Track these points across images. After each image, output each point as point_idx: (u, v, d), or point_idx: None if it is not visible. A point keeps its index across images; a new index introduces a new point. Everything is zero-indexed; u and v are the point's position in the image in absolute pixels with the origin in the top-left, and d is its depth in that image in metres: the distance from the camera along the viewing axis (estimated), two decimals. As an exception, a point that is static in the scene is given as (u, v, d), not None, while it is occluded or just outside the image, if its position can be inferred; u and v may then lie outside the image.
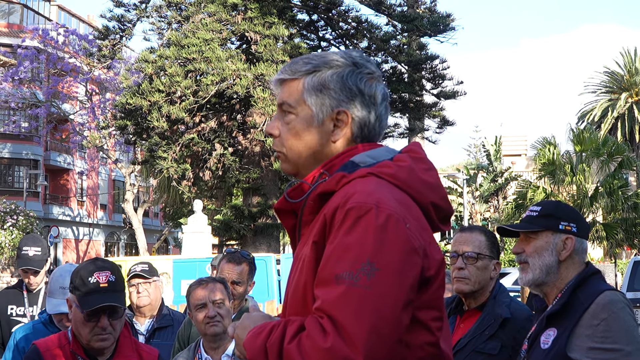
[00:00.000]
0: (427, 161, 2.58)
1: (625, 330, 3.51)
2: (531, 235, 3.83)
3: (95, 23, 56.26)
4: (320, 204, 2.49)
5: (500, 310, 4.33)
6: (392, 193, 2.40)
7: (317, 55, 2.63)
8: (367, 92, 2.57)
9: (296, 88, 2.60)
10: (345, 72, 2.56)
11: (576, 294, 3.67)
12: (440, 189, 2.56)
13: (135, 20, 32.91)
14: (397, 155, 2.57)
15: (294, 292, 2.50)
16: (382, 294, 2.23)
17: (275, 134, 2.64)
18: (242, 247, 29.95)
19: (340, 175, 2.47)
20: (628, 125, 61.73)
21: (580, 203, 31.68)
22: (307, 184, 2.56)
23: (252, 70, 28.61)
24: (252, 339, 2.34)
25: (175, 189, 36.31)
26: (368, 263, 2.24)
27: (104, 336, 3.94)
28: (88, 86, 45.20)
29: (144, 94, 29.25)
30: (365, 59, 2.62)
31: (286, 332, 2.29)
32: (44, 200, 55.60)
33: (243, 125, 31.77)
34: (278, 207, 2.64)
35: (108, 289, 3.92)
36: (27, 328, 5.37)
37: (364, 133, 2.58)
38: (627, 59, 64.16)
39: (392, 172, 2.47)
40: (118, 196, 63.11)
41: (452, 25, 32.23)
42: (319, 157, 2.59)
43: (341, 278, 2.24)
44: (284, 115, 2.62)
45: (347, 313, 2.20)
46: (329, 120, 2.56)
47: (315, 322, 2.25)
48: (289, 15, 31.61)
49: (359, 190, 2.37)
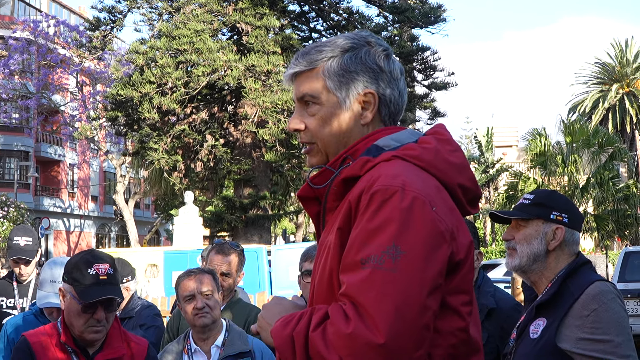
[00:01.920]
0: (452, 142, 2.53)
1: (615, 321, 3.51)
2: (522, 223, 3.82)
3: (86, 14, 56.10)
4: (345, 189, 2.44)
5: (485, 300, 4.32)
6: (419, 175, 2.36)
7: (329, 42, 2.58)
8: (386, 69, 2.53)
9: (316, 77, 2.54)
10: (362, 52, 2.53)
11: (566, 284, 3.66)
12: (467, 170, 2.52)
13: (126, 11, 32.80)
14: (422, 137, 2.52)
15: (319, 279, 2.45)
16: (407, 277, 2.18)
17: (301, 128, 2.58)
18: (234, 238, 29.93)
19: (364, 160, 2.42)
20: (619, 117, 61.86)
21: (572, 194, 31.77)
22: (331, 169, 2.51)
23: (243, 61, 28.56)
24: (281, 328, 2.30)
25: (166, 180, 36.25)
26: (393, 246, 2.20)
27: (97, 328, 3.94)
28: (79, 77, 45.09)
29: (134, 85, 29.19)
30: (377, 37, 2.58)
31: (312, 320, 2.25)
32: (34, 192, 55.48)
33: (234, 116, 31.74)
34: (301, 194, 2.59)
35: (107, 282, 3.93)
36: (17, 320, 5.36)
37: (392, 110, 2.55)
38: (618, 50, 64.25)
39: (417, 154, 2.42)
40: (109, 188, 62.98)
41: (443, 16, 32.24)
42: (351, 141, 2.54)
43: (366, 262, 2.20)
44: (307, 107, 2.57)
45: (370, 296, 2.16)
46: (356, 103, 2.52)
47: (338, 309, 2.21)
48: (280, 6, 31.54)
49: (383, 174, 2.32)
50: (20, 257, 6.55)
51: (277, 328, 2.32)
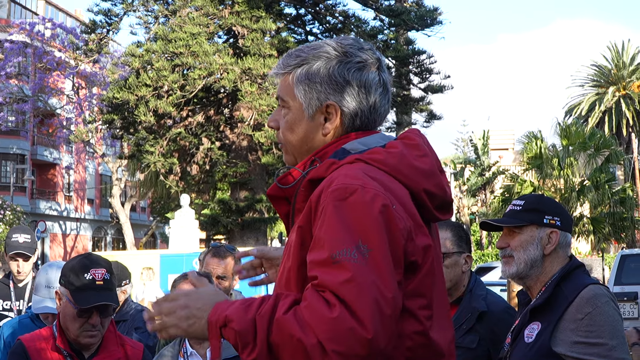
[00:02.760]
0: (421, 147, 2.54)
1: (609, 324, 3.52)
2: (515, 230, 3.81)
3: (83, 17, 56.03)
4: (311, 190, 2.45)
5: (476, 303, 4.32)
6: (379, 178, 2.37)
7: (309, 47, 2.61)
8: (356, 82, 2.52)
9: (288, 82, 2.59)
10: (332, 64, 2.53)
11: (560, 287, 3.67)
12: (435, 176, 2.52)
13: (122, 14, 32.76)
14: (390, 142, 2.54)
15: (280, 276, 2.50)
16: (379, 272, 2.21)
17: (273, 127, 2.66)
18: (230, 241, 29.93)
19: (330, 162, 2.46)
20: (615, 119, 61.81)
21: (568, 197, 31.77)
22: (299, 170, 2.55)
23: (240, 64, 28.58)
24: (242, 312, 2.26)
25: (162, 183, 36.16)
26: (360, 242, 2.23)
27: (93, 333, 3.95)
28: (75, 80, 45.04)
29: (131, 88, 29.19)
30: (358, 47, 2.57)
31: (278, 304, 2.24)
32: (31, 195, 55.44)
33: (230, 119, 31.73)
34: (270, 193, 2.63)
35: (103, 287, 3.94)
36: (14, 323, 5.36)
37: (356, 124, 2.55)
38: (614, 52, 64.28)
39: (381, 158, 2.44)
40: (105, 191, 62.91)
41: (439, 19, 32.23)
42: (313, 149, 2.58)
43: (339, 257, 2.22)
44: (281, 109, 2.63)
45: (349, 289, 2.17)
46: (319, 113, 2.55)
47: (317, 295, 2.21)
48: (276, 9, 31.55)
49: (343, 174, 2.36)
50: (20, 252, 6.47)
51: (236, 311, 2.27)
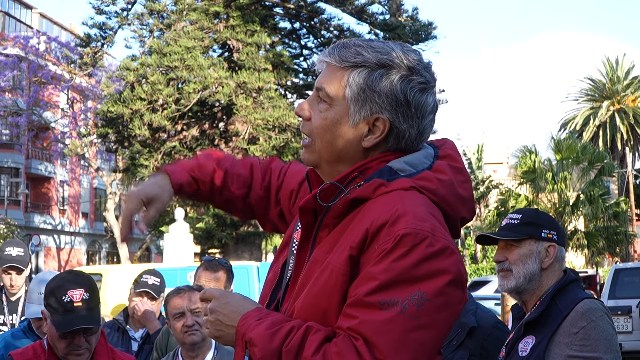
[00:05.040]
0: (464, 172, 2.42)
1: (604, 338, 3.52)
2: (514, 243, 3.81)
3: (77, 31, 56.06)
4: (350, 209, 2.31)
5: (466, 318, 4.28)
6: (434, 213, 2.27)
7: (372, 48, 2.35)
8: (414, 103, 2.33)
9: (339, 79, 2.34)
10: (395, 77, 2.31)
11: (555, 301, 3.66)
12: (471, 202, 2.42)
13: (117, 27, 32.88)
14: (437, 164, 2.38)
15: (313, 298, 2.28)
16: (428, 326, 2.12)
17: (305, 116, 2.41)
18: (224, 255, 29.92)
19: (378, 183, 2.28)
20: (610, 133, 62.04)
21: (562, 211, 31.80)
22: (340, 186, 2.32)
23: (234, 78, 28.64)
24: (267, 340, 2.16)
25: (157, 197, 36.13)
26: (419, 292, 2.12)
27: (80, 352, 3.91)
28: (69, 94, 45.04)
29: (125, 101, 29.23)
30: (424, 65, 2.38)
31: (307, 341, 2.15)
32: (25, 209, 55.32)
33: (225, 133, 31.77)
34: (303, 205, 2.37)
35: (82, 308, 3.84)
36: (6, 336, 5.34)
37: (400, 145, 2.36)
38: (608, 67, 64.51)
39: (433, 187, 2.30)
40: (100, 204, 62.80)
41: (434, 33, 32.33)
42: (345, 156, 2.36)
43: (388, 304, 2.12)
44: (319, 100, 2.39)
45: (388, 340, 2.08)
46: (364, 123, 2.33)
47: (349, 342, 2.11)
48: (271, 24, 31.63)
49: (409, 212, 2.20)
50: (12, 265, 6.43)
51: (261, 337, 2.18)
